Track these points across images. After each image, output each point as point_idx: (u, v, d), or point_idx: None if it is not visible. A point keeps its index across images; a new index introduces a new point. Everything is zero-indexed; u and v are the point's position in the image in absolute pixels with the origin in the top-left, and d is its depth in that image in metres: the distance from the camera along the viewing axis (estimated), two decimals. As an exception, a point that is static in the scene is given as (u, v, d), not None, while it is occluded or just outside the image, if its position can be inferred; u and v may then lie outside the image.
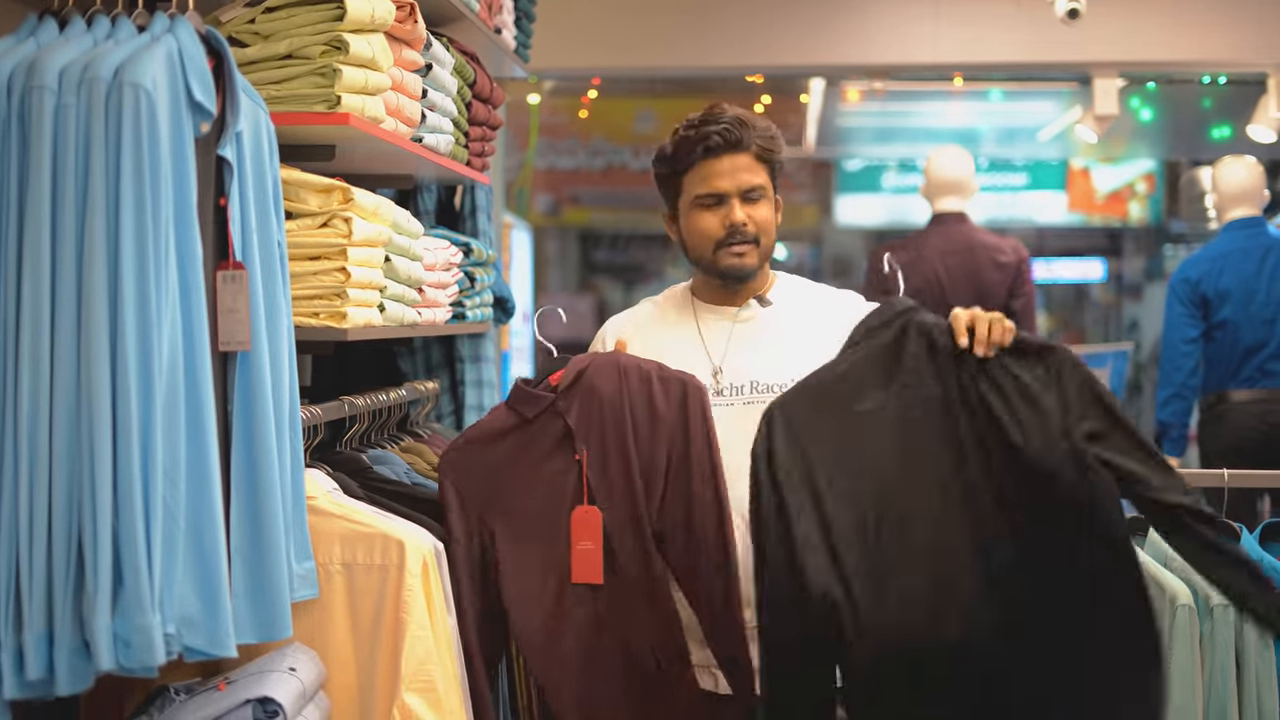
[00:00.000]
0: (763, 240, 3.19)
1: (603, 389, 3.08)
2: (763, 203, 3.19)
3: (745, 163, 3.17)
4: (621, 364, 3.11)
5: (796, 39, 7.23)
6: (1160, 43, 7.19)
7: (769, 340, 3.19)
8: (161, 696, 2.51)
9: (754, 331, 3.22)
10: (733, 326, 3.22)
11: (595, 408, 3.07)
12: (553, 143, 11.12)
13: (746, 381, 3.16)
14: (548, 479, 3.07)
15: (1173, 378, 6.32)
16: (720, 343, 3.21)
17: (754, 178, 3.17)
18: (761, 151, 3.18)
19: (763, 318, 3.24)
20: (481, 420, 3.15)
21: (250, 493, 2.44)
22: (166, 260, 2.21)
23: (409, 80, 3.25)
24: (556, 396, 3.08)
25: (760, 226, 3.19)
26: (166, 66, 2.24)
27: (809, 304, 3.27)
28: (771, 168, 3.22)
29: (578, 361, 3.13)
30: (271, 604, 2.45)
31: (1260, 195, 6.42)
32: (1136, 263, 12.54)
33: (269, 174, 2.56)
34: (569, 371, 3.11)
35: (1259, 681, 3.08)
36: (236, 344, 2.41)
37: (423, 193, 4.26)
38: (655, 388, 3.08)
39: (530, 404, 3.09)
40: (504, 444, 3.09)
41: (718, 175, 3.17)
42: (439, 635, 2.72)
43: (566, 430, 3.07)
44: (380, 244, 3.05)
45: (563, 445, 3.08)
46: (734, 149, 3.16)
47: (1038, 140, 10.56)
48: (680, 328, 3.26)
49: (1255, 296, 6.24)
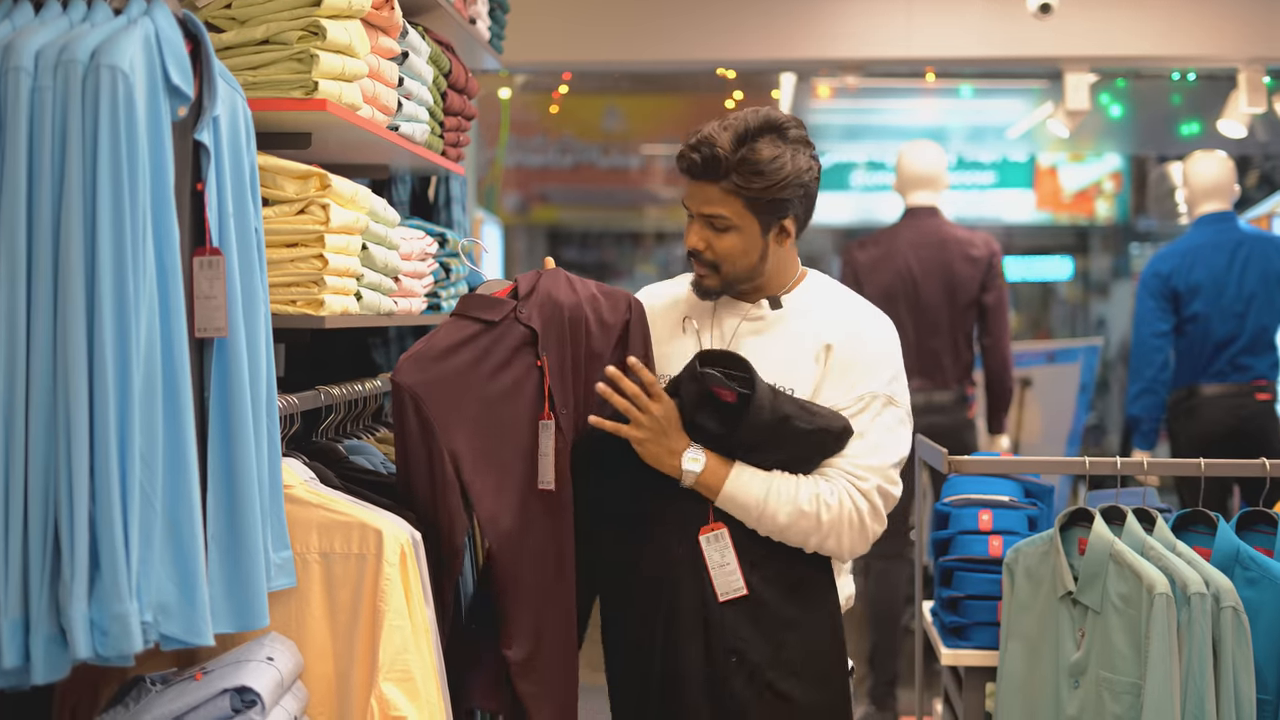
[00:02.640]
0: (724, 268, 3.12)
1: (560, 297, 3.06)
2: (730, 233, 3.10)
3: (713, 193, 3.08)
4: (569, 277, 3.12)
5: (769, 33, 7.24)
6: (1131, 37, 7.23)
7: (768, 342, 3.15)
8: (137, 686, 2.49)
9: (757, 332, 3.17)
10: (740, 323, 3.19)
11: (554, 315, 3.05)
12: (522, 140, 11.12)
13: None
14: (508, 388, 3.03)
15: (1143, 372, 6.34)
16: (725, 336, 3.18)
17: (719, 208, 3.08)
18: (735, 188, 3.07)
19: (771, 319, 3.18)
20: (432, 334, 3.08)
21: (227, 480, 2.41)
22: (144, 245, 2.19)
23: (385, 68, 3.23)
24: (519, 302, 3.06)
25: (719, 255, 3.11)
26: (144, 49, 2.21)
27: (824, 316, 3.18)
28: (753, 203, 3.08)
29: (529, 274, 3.11)
30: (248, 593, 2.42)
31: (1231, 190, 6.45)
32: (1103, 261, 12.62)
33: (246, 159, 2.54)
34: (525, 280, 3.09)
35: (1236, 669, 3.10)
36: (214, 330, 2.39)
37: (397, 184, 4.25)
38: (601, 300, 3.10)
39: (492, 309, 3.05)
40: (460, 354, 3.03)
41: (689, 194, 3.14)
42: (417, 625, 2.71)
43: (527, 337, 3.04)
44: (357, 231, 3.03)
45: (521, 353, 3.04)
46: (703, 177, 3.09)
47: (1006, 138, 10.60)
48: (697, 312, 3.23)
49: (1226, 290, 6.27)
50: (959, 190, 11.20)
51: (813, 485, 3.03)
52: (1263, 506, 3.47)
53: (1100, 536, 3.26)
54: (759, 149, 3.06)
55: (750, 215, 3.10)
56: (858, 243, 6.46)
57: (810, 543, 3.04)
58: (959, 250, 6.24)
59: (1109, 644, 3.18)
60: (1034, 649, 3.36)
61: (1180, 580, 3.12)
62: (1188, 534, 3.41)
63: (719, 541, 3.03)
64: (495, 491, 3.01)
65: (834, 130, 11.07)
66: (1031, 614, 3.38)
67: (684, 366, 3.04)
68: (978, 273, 6.22)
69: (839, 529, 3.03)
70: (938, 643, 3.78)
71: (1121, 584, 3.18)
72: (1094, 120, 8.71)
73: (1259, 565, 3.23)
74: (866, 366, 3.11)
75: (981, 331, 6.31)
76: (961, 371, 6.24)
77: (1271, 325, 6.33)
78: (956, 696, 3.88)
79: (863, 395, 3.08)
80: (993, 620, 3.61)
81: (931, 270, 6.20)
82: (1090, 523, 3.32)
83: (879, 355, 3.15)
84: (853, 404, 3.07)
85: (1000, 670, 3.45)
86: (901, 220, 6.41)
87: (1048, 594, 3.35)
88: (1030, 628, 3.38)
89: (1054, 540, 3.35)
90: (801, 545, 3.05)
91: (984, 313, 6.27)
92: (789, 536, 3.04)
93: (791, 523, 3.01)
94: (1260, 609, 3.18)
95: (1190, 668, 3.08)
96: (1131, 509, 3.36)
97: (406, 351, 3.07)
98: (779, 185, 3.07)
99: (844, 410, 3.06)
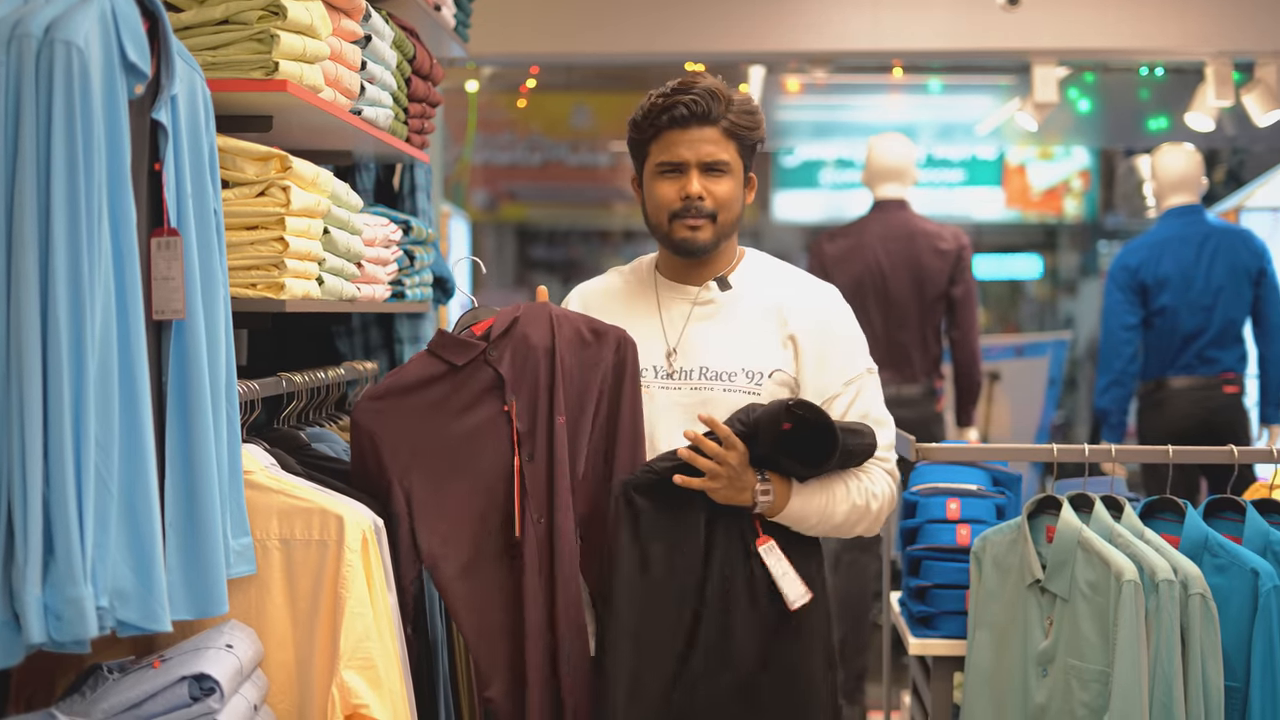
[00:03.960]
0: (720, 216, 3.10)
1: (534, 339, 3.01)
2: (726, 179, 3.09)
3: (712, 135, 3.08)
4: (554, 314, 3.06)
5: (737, 25, 7.22)
6: (1099, 30, 7.24)
7: (724, 327, 3.13)
8: (94, 675, 2.45)
9: (711, 315, 3.15)
10: (691, 308, 3.16)
11: (526, 358, 3.01)
12: (490, 137, 11.09)
13: (697, 367, 3.11)
14: (471, 430, 3.00)
15: (1112, 364, 6.35)
16: (678, 324, 3.15)
17: (719, 152, 3.08)
18: (733, 127, 3.08)
19: (722, 301, 3.16)
20: (401, 369, 3.06)
21: (185, 465, 2.39)
22: (99, 225, 2.15)
23: (348, 51, 3.19)
24: (488, 345, 3.02)
25: (719, 202, 3.09)
26: (99, 25, 2.18)
27: (773, 291, 3.18)
28: (744, 146, 3.12)
29: (508, 310, 3.06)
30: (207, 579, 2.39)
31: (1198, 183, 6.46)
32: (1072, 258, 12.65)
33: (205, 140, 2.51)
34: (501, 319, 3.04)
35: (1204, 656, 3.09)
36: (171, 312, 2.36)
37: (361, 171, 4.22)
38: (588, 339, 3.04)
39: (459, 351, 3.01)
40: (426, 393, 3.00)
41: (681, 144, 3.08)
42: (379, 612, 2.68)
43: (495, 380, 3.00)
44: (319, 215, 2.99)
45: (490, 395, 3.01)
46: (700, 122, 3.07)
47: (975, 134, 10.62)
48: (641, 303, 3.20)
49: (1194, 283, 6.29)
50: (928, 188, 11.21)
51: (858, 480, 3.08)
52: (1230, 494, 3.46)
53: (1068, 524, 3.25)
54: (738, 95, 3.12)
55: (740, 160, 3.13)
56: (826, 235, 6.44)
57: (857, 530, 3.12)
58: (927, 243, 6.23)
59: (1077, 632, 3.16)
60: (1002, 638, 3.35)
61: (1148, 567, 3.11)
62: (1155, 522, 3.40)
63: (773, 553, 3.02)
64: (443, 537, 2.98)
65: (803, 127, 11.07)
66: (999, 602, 3.37)
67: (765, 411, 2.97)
68: (946, 266, 6.21)
69: (882, 512, 3.12)
70: (905, 632, 3.77)
71: (1089, 571, 3.16)
72: (1062, 114, 8.73)
73: (1227, 552, 3.22)
74: (843, 347, 3.15)
75: (950, 325, 6.30)
76: (930, 365, 6.23)
77: (1239, 318, 6.34)
78: (924, 687, 3.86)
79: (851, 379, 3.12)
80: (961, 609, 3.60)
81: (900, 263, 6.19)
82: (1058, 511, 3.30)
83: (848, 331, 3.19)
84: (844, 389, 3.11)
85: (968, 659, 3.43)
86: (870, 213, 6.39)
87: (1015, 582, 3.33)
88: (998, 616, 3.37)
89: (1022, 528, 3.34)
90: (844, 534, 3.12)
91: (952, 306, 6.26)
92: (840, 531, 3.10)
93: (845, 519, 3.07)
94: (1229, 596, 3.17)
95: (1158, 655, 3.07)
96: (1100, 496, 3.35)
97: (372, 387, 3.06)
98: (759, 128, 3.14)
99: (839, 397, 3.10)
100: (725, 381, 3.04)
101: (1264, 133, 7.90)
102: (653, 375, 3.10)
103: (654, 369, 3.11)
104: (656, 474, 2.98)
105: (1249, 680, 3.16)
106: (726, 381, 3.04)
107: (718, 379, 3.08)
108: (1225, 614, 3.15)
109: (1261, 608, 3.15)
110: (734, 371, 3.06)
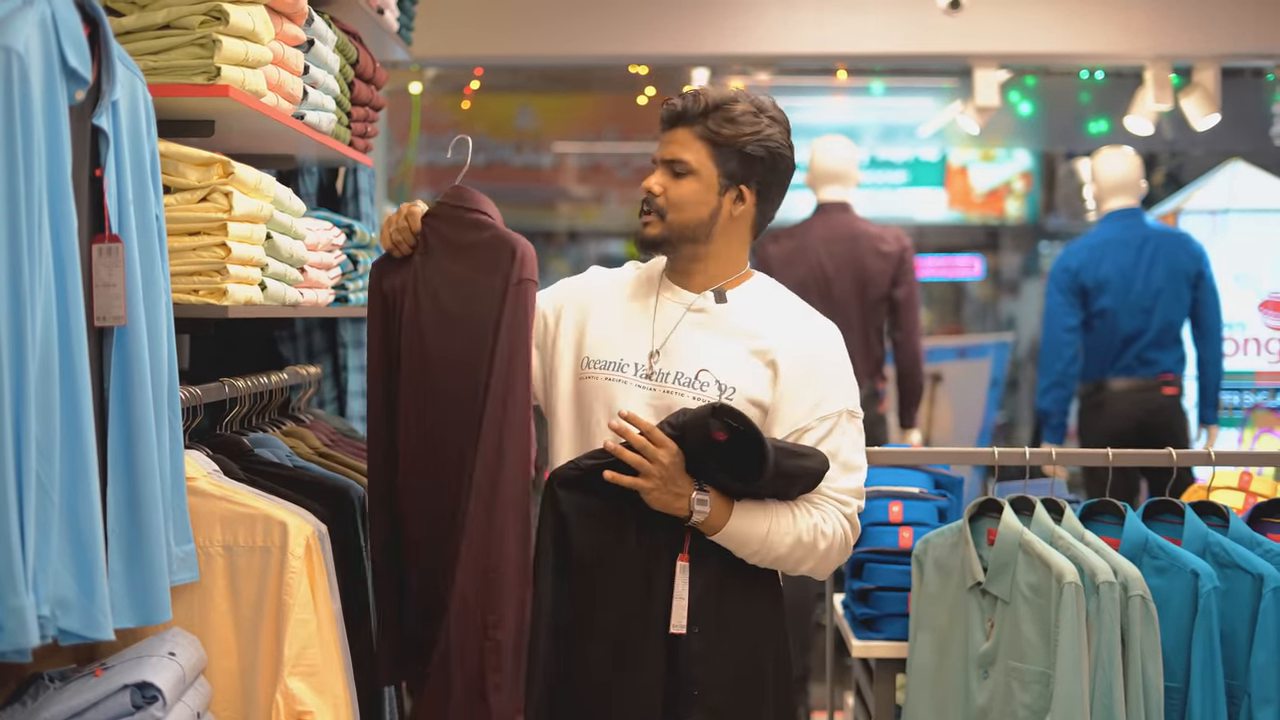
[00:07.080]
0: (670, 214, 3.08)
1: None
2: (687, 180, 3.07)
3: (682, 136, 3.08)
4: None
5: (681, 27, 7.24)
6: (1040, 34, 7.29)
7: (709, 338, 3.10)
8: (35, 684, 2.44)
9: (699, 324, 3.12)
10: (684, 313, 3.15)
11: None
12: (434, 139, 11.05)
13: (674, 371, 3.08)
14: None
15: (1052, 366, 6.41)
16: (667, 326, 3.13)
17: (681, 151, 3.07)
18: (706, 131, 3.07)
19: (714, 312, 3.13)
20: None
21: (128, 472, 2.38)
22: (40, 231, 2.14)
23: (290, 55, 3.18)
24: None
25: (670, 201, 3.08)
26: (40, 30, 2.16)
27: (768, 313, 3.14)
28: (721, 151, 3.07)
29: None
30: (150, 587, 2.39)
31: (1138, 186, 6.52)
32: (1014, 259, 12.71)
33: (146, 145, 2.50)
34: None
35: (1144, 656, 3.12)
36: (113, 319, 2.35)
37: (304, 175, 4.20)
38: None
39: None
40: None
41: (660, 144, 3.12)
42: (322, 618, 2.68)
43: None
44: (261, 220, 2.98)
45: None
46: (676, 123, 3.10)
47: (917, 136, 10.67)
48: (640, 300, 3.19)
49: (1134, 286, 6.35)
50: (871, 189, 11.24)
51: (807, 515, 3.00)
52: (1169, 496, 3.49)
53: (1009, 527, 3.27)
54: (736, 104, 3.09)
55: (712, 165, 3.08)
56: (770, 236, 6.43)
57: (801, 568, 3.04)
58: (870, 245, 6.25)
59: (1018, 634, 3.19)
60: (944, 640, 3.37)
61: (1089, 569, 3.13)
62: (1095, 524, 3.42)
63: (684, 575, 2.97)
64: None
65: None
66: (941, 605, 3.39)
67: (692, 414, 2.95)
68: (889, 267, 6.24)
69: (831, 554, 3.02)
70: (848, 635, 3.78)
71: (1031, 574, 3.19)
72: (1004, 118, 8.78)
73: (1167, 554, 3.25)
74: (826, 383, 3.08)
75: (892, 326, 6.33)
76: (872, 366, 6.25)
77: (1178, 320, 6.40)
78: (867, 689, 3.88)
79: (827, 415, 3.04)
80: (903, 612, 3.62)
81: (843, 265, 6.21)
82: (999, 513, 3.32)
83: (836, 370, 3.12)
84: (817, 424, 3.03)
85: (910, 661, 3.45)
86: (813, 215, 6.41)
87: (957, 585, 3.35)
88: (940, 618, 3.39)
89: (963, 531, 3.36)
90: (789, 570, 3.05)
91: (895, 307, 6.29)
92: (783, 565, 3.03)
93: (789, 553, 2.99)
94: (1169, 597, 3.20)
95: (1099, 656, 3.09)
96: (1040, 499, 3.37)
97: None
98: (747, 137, 3.07)
99: (810, 430, 3.03)
100: (696, 390, 3.02)
101: (1202, 136, 7.96)
102: (632, 372, 3.09)
103: (635, 366, 3.09)
104: (582, 470, 2.97)
105: (1189, 680, 3.19)
106: (697, 390, 3.02)
107: (690, 386, 3.05)
108: (1165, 615, 3.18)
109: (1201, 609, 3.18)
110: (707, 382, 3.04)
